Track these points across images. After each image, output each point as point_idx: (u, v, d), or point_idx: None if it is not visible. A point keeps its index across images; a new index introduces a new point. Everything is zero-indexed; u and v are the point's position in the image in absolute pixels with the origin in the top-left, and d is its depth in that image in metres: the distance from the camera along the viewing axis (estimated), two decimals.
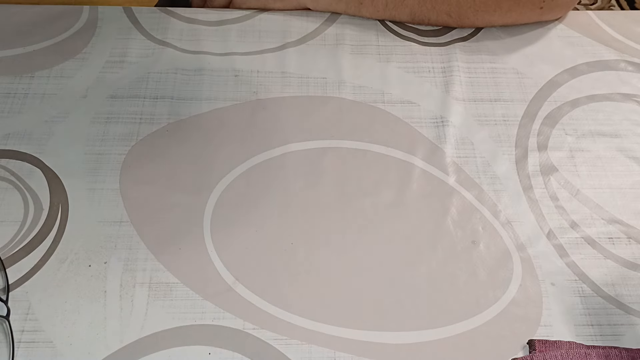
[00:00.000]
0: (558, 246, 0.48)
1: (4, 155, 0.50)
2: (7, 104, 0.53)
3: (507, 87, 0.58)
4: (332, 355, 0.42)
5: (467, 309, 0.44)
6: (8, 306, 0.42)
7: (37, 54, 0.56)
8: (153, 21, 0.59)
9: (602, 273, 0.47)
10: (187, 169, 0.50)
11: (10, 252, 0.45)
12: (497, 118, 0.55)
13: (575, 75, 0.59)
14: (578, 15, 0.64)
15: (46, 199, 0.47)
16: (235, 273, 0.45)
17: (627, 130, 0.55)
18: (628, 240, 0.49)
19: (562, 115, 0.56)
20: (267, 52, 0.58)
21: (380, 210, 0.49)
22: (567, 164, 0.53)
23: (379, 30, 0.61)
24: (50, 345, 0.41)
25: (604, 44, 0.62)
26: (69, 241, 0.46)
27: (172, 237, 0.46)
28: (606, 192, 0.51)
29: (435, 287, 0.45)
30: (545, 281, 0.46)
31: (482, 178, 0.51)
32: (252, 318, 0.43)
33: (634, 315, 0.45)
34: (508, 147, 0.54)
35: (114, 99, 0.54)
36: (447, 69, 0.58)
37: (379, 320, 0.44)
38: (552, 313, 0.45)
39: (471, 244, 0.48)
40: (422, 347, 0.43)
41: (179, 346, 0.42)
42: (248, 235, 0.47)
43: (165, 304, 0.43)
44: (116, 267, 0.45)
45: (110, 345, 0.41)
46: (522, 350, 0.43)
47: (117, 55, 0.56)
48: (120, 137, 0.51)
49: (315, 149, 0.52)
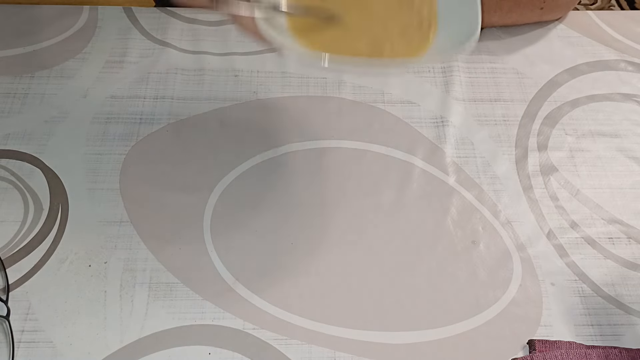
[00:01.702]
0: (558, 246, 0.48)
1: (4, 155, 0.50)
2: (7, 104, 0.53)
3: (507, 87, 0.58)
4: (332, 355, 0.42)
5: (467, 309, 0.44)
6: (8, 306, 0.42)
7: (37, 54, 0.56)
8: (153, 21, 0.59)
9: (602, 273, 0.47)
10: (187, 169, 0.50)
11: (10, 252, 0.45)
12: (497, 118, 0.55)
13: (575, 75, 0.59)
14: (578, 15, 0.64)
15: (46, 199, 0.47)
16: (235, 273, 0.45)
17: (627, 130, 0.55)
18: (628, 240, 0.49)
19: (562, 115, 0.56)
20: (267, 52, 0.58)
21: (380, 210, 0.49)
22: (567, 164, 0.53)
23: None
24: (50, 345, 0.41)
25: (604, 44, 0.62)
26: (69, 241, 0.46)
27: (172, 237, 0.46)
28: (606, 192, 0.51)
29: (435, 287, 0.45)
30: (545, 281, 0.46)
31: (482, 178, 0.51)
32: (252, 318, 0.43)
33: (634, 315, 0.45)
34: (508, 147, 0.54)
35: (114, 99, 0.54)
36: (447, 69, 0.58)
37: (379, 320, 0.44)
38: (552, 313, 0.45)
39: (471, 244, 0.48)
40: (422, 347, 0.43)
41: (179, 346, 0.42)
42: (248, 235, 0.47)
43: (165, 304, 0.43)
44: (116, 267, 0.45)
45: (110, 345, 0.41)
46: (522, 350, 0.43)
47: (117, 55, 0.56)
48: (120, 137, 0.51)
49: (315, 149, 0.52)
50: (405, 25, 0.41)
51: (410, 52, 0.40)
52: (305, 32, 0.40)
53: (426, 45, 0.40)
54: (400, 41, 0.41)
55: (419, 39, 0.41)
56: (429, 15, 0.41)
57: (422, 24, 0.41)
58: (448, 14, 0.41)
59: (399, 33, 0.41)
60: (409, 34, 0.41)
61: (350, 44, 0.40)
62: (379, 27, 0.41)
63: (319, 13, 0.40)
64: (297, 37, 0.40)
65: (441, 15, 0.41)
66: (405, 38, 0.41)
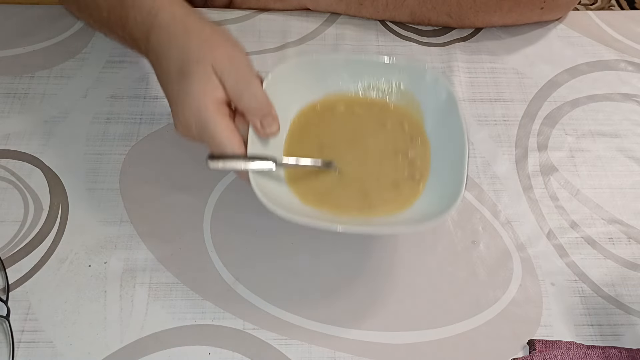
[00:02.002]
0: (558, 246, 0.48)
1: (4, 155, 0.50)
2: (7, 104, 0.53)
3: (507, 87, 0.58)
4: (332, 355, 0.42)
5: (467, 309, 0.44)
6: (8, 306, 0.42)
7: (37, 54, 0.56)
8: None
9: (602, 273, 0.47)
10: (187, 169, 0.50)
11: (10, 252, 0.45)
12: (497, 118, 0.55)
13: (575, 75, 0.59)
14: (578, 15, 0.64)
15: (46, 199, 0.47)
16: (235, 273, 0.45)
17: (627, 130, 0.55)
18: (628, 240, 0.49)
19: (562, 115, 0.56)
20: (267, 52, 0.58)
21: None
22: (567, 164, 0.53)
23: (379, 31, 0.61)
24: (50, 345, 0.41)
25: (604, 44, 0.62)
26: (69, 241, 0.46)
27: (172, 237, 0.46)
28: (606, 192, 0.51)
29: (435, 287, 0.45)
30: (545, 281, 0.46)
31: (482, 178, 0.51)
32: (252, 318, 0.43)
33: (634, 315, 0.45)
34: (508, 147, 0.54)
35: (114, 99, 0.54)
36: (447, 69, 0.58)
37: (379, 320, 0.44)
38: (552, 313, 0.45)
39: (471, 244, 0.48)
40: (422, 347, 0.43)
41: (179, 346, 0.42)
42: (248, 235, 0.47)
43: (165, 304, 0.43)
44: (116, 267, 0.45)
45: (110, 345, 0.41)
46: (522, 350, 0.43)
47: (117, 55, 0.56)
48: (120, 137, 0.51)
49: None
50: (398, 174, 0.44)
51: (399, 202, 0.43)
52: (300, 182, 0.43)
53: (416, 196, 0.43)
54: (391, 190, 0.43)
55: (410, 189, 0.43)
56: (421, 166, 0.44)
57: (415, 174, 0.44)
58: (438, 171, 0.44)
59: (391, 182, 0.44)
60: (400, 184, 0.43)
61: (344, 193, 0.43)
62: (373, 175, 0.44)
63: (316, 164, 0.43)
64: (292, 186, 0.43)
65: (432, 169, 0.44)
66: (396, 188, 0.43)
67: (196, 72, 0.39)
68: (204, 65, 0.40)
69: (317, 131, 0.46)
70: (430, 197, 0.43)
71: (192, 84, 0.39)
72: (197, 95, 0.39)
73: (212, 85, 0.40)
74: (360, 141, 0.46)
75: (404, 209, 0.42)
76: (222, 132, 0.39)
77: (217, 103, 0.39)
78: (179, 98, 0.40)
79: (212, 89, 0.39)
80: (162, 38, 0.41)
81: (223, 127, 0.39)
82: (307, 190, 0.43)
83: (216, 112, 0.39)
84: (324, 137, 0.46)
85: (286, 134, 0.45)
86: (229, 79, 0.40)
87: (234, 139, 0.40)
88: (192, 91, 0.39)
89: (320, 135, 0.46)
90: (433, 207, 0.41)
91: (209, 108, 0.39)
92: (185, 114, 0.39)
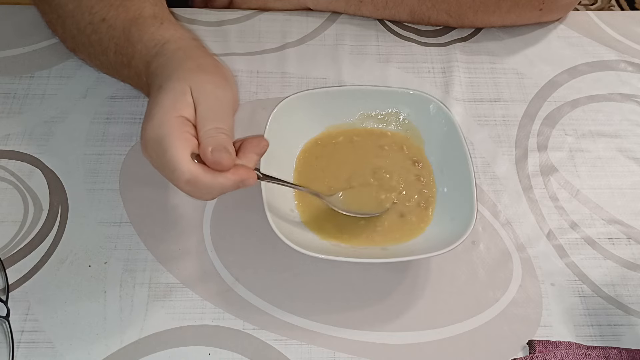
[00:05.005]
0: (558, 246, 0.48)
1: (4, 155, 0.50)
2: (7, 104, 0.53)
3: (507, 87, 0.58)
4: (332, 355, 0.42)
5: (467, 310, 0.44)
6: (8, 306, 0.42)
7: (37, 54, 0.56)
8: None
9: (602, 273, 0.47)
10: None
11: (10, 252, 0.45)
12: (497, 118, 0.55)
13: (575, 76, 0.59)
14: (578, 15, 0.64)
15: (46, 199, 0.47)
16: (235, 273, 0.45)
17: (627, 130, 0.55)
18: (628, 241, 0.49)
19: (562, 116, 0.56)
20: (267, 52, 0.58)
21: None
22: (567, 164, 0.53)
23: (379, 31, 0.61)
24: (50, 346, 0.41)
25: (604, 44, 0.62)
26: (69, 241, 0.46)
27: (172, 237, 0.46)
28: (606, 193, 0.51)
29: (435, 287, 0.45)
30: (545, 281, 0.46)
31: (482, 178, 0.51)
32: (252, 318, 0.43)
33: (634, 315, 0.45)
34: (508, 148, 0.54)
35: (113, 99, 0.54)
36: (447, 69, 0.58)
37: (379, 321, 0.44)
38: (552, 313, 0.45)
39: (471, 244, 0.48)
40: (422, 347, 0.43)
41: (179, 346, 0.42)
42: (248, 235, 0.47)
43: (165, 304, 0.43)
44: (116, 267, 0.45)
45: (110, 346, 0.41)
46: (522, 350, 0.43)
47: None
48: (120, 137, 0.51)
49: None
50: (404, 202, 0.47)
51: (409, 230, 0.46)
52: (315, 222, 0.46)
53: (426, 222, 0.46)
54: (398, 218, 0.46)
55: (417, 216, 0.46)
56: (428, 193, 0.47)
57: (420, 201, 0.47)
58: (444, 194, 0.47)
59: (398, 212, 0.47)
60: (407, 212, 0.47)
61: (356, 226, 0.46)
62: (382, 205, 0.47)
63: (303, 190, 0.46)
64: (309, 226, 0.46)
65: (438, 193, 0.47)
66: (403, 216, 0.46)
67: (172, 88, 0.38)
68: (183, 83, 0.39)
69: (322, 165, 0.48)
70: (440, 222, 0.45)
71: (165, 97, 0.38)
72: (164, 109, 0.37)
73: (184, 103, 0.38)
74: (363, 172, 0.48)
75: (416, 235, 0.45)
76: (176, 150, 0.36)
77: (181, 120, 0.37)
78: (148, 109, 0.38)
79: (182, 106, 0.38)
80: (162, 62, 0.41)
81: (179, 145, 0.36)
82: (322, 227, 0.46)
83: (177, 128, 0.37)
84: (329, 173, 0.48)
85: (293, 170, 0.48)
86: (203, 103, 0.38)
87: (185, 159, 0.36)
88: (161, 102, 0.38)
89: (325, 170, 0.48)
90: (445, 232, 0.43)
91: (171, 122, 0.37)
92: (147, 127, 0.37)
